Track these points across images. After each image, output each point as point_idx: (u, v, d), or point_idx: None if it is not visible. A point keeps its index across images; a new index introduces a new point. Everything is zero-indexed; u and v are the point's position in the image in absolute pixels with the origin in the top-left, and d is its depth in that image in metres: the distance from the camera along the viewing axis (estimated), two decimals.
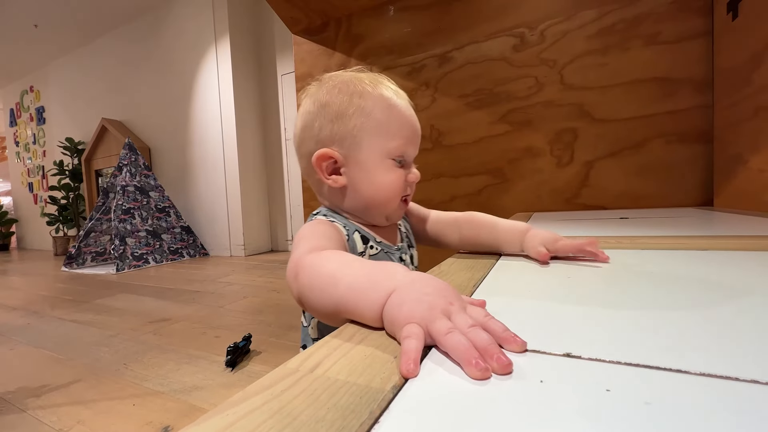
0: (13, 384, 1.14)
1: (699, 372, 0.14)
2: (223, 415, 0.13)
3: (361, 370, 0.16)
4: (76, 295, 2.33)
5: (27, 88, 5.72)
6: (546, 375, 0.15)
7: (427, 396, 0.14)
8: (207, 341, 1.43)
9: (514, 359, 0.17)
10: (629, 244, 0.49)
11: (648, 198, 1.17)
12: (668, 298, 0.25)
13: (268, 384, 0.16)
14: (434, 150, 1.48)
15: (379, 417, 0.13)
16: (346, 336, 0.21)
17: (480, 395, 0.14)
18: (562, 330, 0.20)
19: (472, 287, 0.30)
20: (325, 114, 0.44)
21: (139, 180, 3.48)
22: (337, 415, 0.13)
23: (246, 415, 0.13)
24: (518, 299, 0.27)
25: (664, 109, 1.13)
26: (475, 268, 0.38)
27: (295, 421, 0.13)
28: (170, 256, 3.51)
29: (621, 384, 0.14)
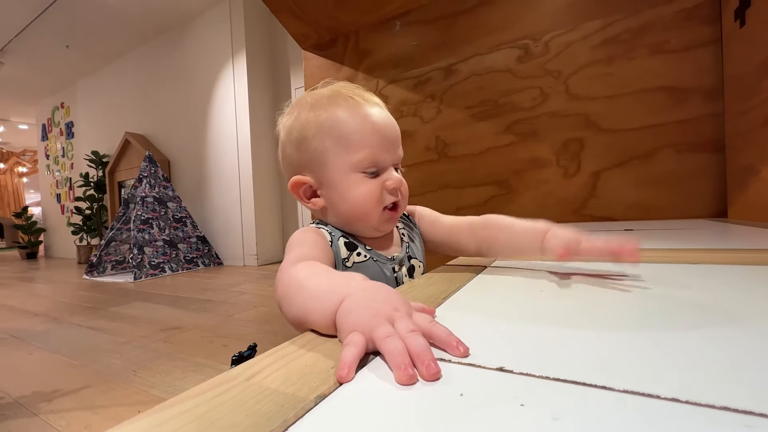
0: (28, 388, 1.19)
1: (622, 389, 0.14)
2: (149, 418, 0.14)
3: (295, 379, 0.17)
4: (94, 302, 2.41)
5: (58, 104, 6.04)
6: (469, 387, 0.15)
7: (346, 405, 0.15)
8: (214, 350, 1.45)
9: (449, 369, 0.17)
10: None
11: (658, 209, 1.14)
12: (639, 316, 0.24)
13: (205, 389, 0.16)
14: (440, 161, 1.49)
15: (291, 424, 0.13)
16: (300, 344, 0.21)
17: (395, 404, 0.14)
18: (507, 345, 0.20)
19: (441, 300, 0.30)
20: (291, 141, 0.45)
21: (158, 191, 3.60)
22: (252, 422, 0.14)
23: (169, 419, 0.14)
24: (476, 313, 0.27)
25: (674, 118, 1.11)
26: (452, 281, 0.38)
27: (212, 426, 0.13)
28: (186, 265, 3.59)
29: (539, 399, 0.14)
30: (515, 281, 0.37)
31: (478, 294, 0.32)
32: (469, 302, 0.29)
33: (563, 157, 1.26)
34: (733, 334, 0.19)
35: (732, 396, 0.13)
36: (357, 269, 0.44)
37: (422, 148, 1.52)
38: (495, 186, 1.38)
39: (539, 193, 1.31)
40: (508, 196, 1.36)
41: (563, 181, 1.27)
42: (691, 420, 0.12)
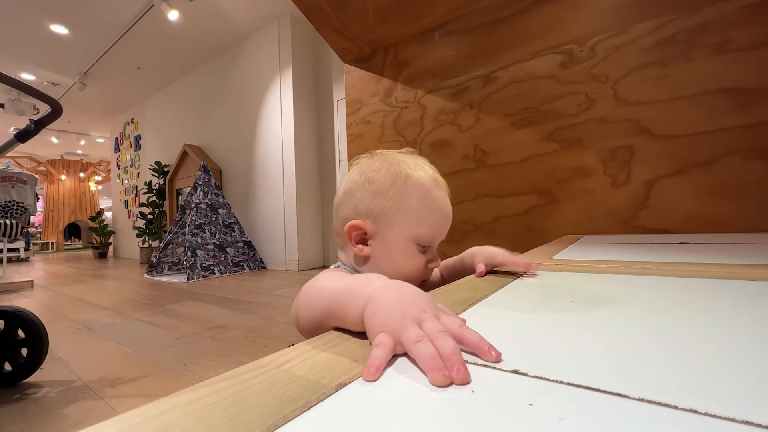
0: (96, 374, 1.32)
1: (637, 397, 0.14)
2: (191, 392, 0.16)
3: (320, 368, 0.18)
4: (152, 299, 2.63)
5: (129, 119, 6.73)
6: (480, 386, 0.16)
7: (362, 394, 0.16)
8: (256, 349, 1.52)
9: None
10: (671, 271, 0.45)
11: (722, 221, 1.04)
12: (669, 329, 0.23)
13: (239, 373, 0.18)
14: (478, 170, 1.47)
15: (312, 405, 0.15)
16: (325, 340, 0.23)
17: (408, 396, 0.15)
18: (525, 349, 0.20)
19: (467, 306, 0.30)
20: (368, 188, 0.48)
21: (211, 198, 3.86)
22: (277, 401, 0.15)
23: (205, 396, 0.16)
24: (499, 318, 0.27)
25: (740, 122, 1.01)
26: (480, 289, 0.38)
27: (243, 403, 0.15)
28: (233, 268, 3.81)
29: (548, 400, 0.14)
30: (547, 289, 0.36)
31: (504, 301, 0.32)
32: (495, 308, 0.29)
33: (611, 165, 1.20)
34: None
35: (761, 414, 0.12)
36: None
37: (460, 157, 1.51)
38: (536, 195, 1.34)
39: (585, 202, 1.24)
40: (551, 206, 1.31)
41: (611, 191, 1.20)
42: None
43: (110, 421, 0.14)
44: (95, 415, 1.02)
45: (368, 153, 0.55)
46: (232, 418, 0.14)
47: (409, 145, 1.66)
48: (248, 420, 0.14)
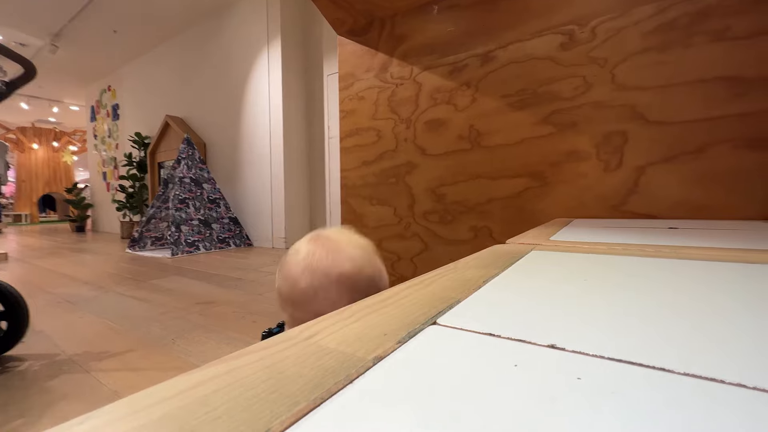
0: (80, 347, 1.30)
1: (683, 372, 0.14)
2: (224, 363, 0.15)
3: (351, 341, 0.18)
4: (136, 274, 2.57)
5: (105, 87, 6.38)
6: (520, 361, 0.16)
7: (402, 367, 0.15)
8: (245, 325, 1.52)
9: (501, 344, 0.17)
10: (670, 253, 0.46)
11: (708, 209, 1.07)
12: (682, 305, 0.24)
13: (268, 345, 0.18)
14: (472, 151, 1.46)
15: (355, 378, 0.14)
16: (349, 313, 0.22)
17: (450, 368, 0.15)
18: (553, 324, 0.20)
19: (481, 283, 0.30)
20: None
21: (195, 173, 3.75)
22: (317, 374, 0.14)
23: (242, 366, 0.15)
24: (522, 293, 0.27)
25: (733, 111, 1.03)
26: (492, 265, 0.38)
27: (280, 375, 0.14)
28: (218, 244, 3.75)
29: (594, 375, 0.14)
30: (555, 268, 0.37)
31: (517, 279, 0.32)
32: (510, 286, 0.29)
33: (604, 150, 1.21)
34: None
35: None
36: None
37: (455, 137, 1.50)
38: (529, 178, 1.35)
39: (576, 187, 1.26)
40: (543, 189, 1.32)
41: (603, 176, 1.21)
42: (749, 404, 0.12)
43: (151, 390, 0.13)
44: (82, 389, 1.01)
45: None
46: (274, 389, 0.13)
47: (403, 123, 1.63)
48: (291, 392, 0.13)
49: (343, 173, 1.85)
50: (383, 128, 1.70)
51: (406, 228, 1.65)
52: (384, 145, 1.70)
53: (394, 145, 1.66)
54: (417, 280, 0.31)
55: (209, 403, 0.12)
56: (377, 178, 1.72)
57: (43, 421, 0.87)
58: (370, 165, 1.74)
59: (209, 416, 0.12)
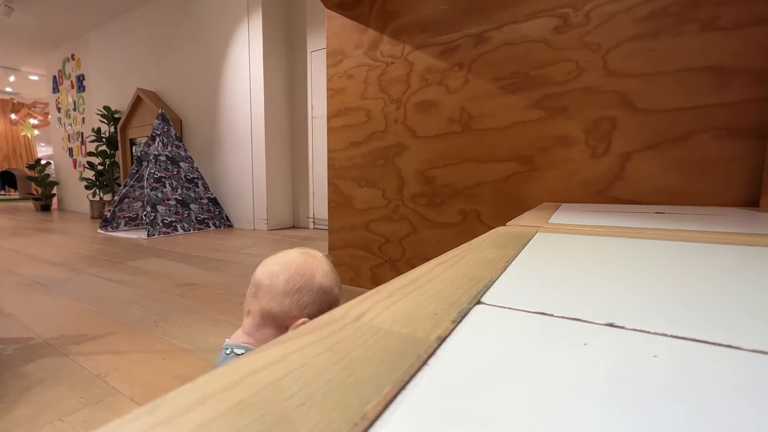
0: (56, 331, 1.24)
1: (750, 348, 0.14)
2: (279, 346, 0.14)
3: (404, 322, 0.17)
4: (111, 255, 2.47)
5: (69, 56, 5.94)
6: (587, 339, 0.15)
7: (470, 347, 0.15)
8: (231, 307, 1.49)
9: (555, 323, 0.17)
10: (673, 236, 0.48)
11: (686, 195, 1.12)
12: (712, 283, 0.24)
13: (316, 327, 0.17)
14: (463, 134, 1.46)
15: (428, 358, 0.14)
16: (388, 292, 0.22)
17: (516, 348, 0.14)
18: (597, 302, 0.20)
19: (505, 264, 0.30)
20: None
21: (171, 150, 3.59)
22: (386, 356, 0.14)
23: (301, 349, 0.14)
24: (551, 273, 0.26)
25: (716, 100, 1.06)
26: (507, 246, 0.38)
27: (347, 357, 0.14)
28: (197, 225, 3.64)
29: (666, 352, 0.14)
30: (568, 246, 0.37)
31: (539, 260, 0.32)
32: (537, 263, 0.29)
33: (593, 136, 1.23)
34: None
35: None
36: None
37: (446, 120, 1.49)
38: (518, 162, 1.36)
39: (564, 172, 1.28)
40: (532, 174, 1.34)
41: (590, 162, 1.24)
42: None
43: (210, 377, 0.12)
44: (61, 373, 0.97)
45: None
46: (348, 372, 0.12)
47: (393, 103, 1.60)
48: (368, 375, 0.12)
49: (330, 154, 1.81)
50: (373, 108, 1.66)
51: (394, 210, 1.64)
52: (373, 126, 1.66)
53: (384, 126, 1.63)
54: (439, 260, 0.31)
55: (285, 388, 0.11)
56: (366, 159, 1.70)
57: (20, 406, 0.83)
58: (359, 146, 1.71)
59: (292, 402, 0.11)
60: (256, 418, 0.10)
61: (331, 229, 1.86)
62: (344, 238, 1.81)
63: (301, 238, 3.28)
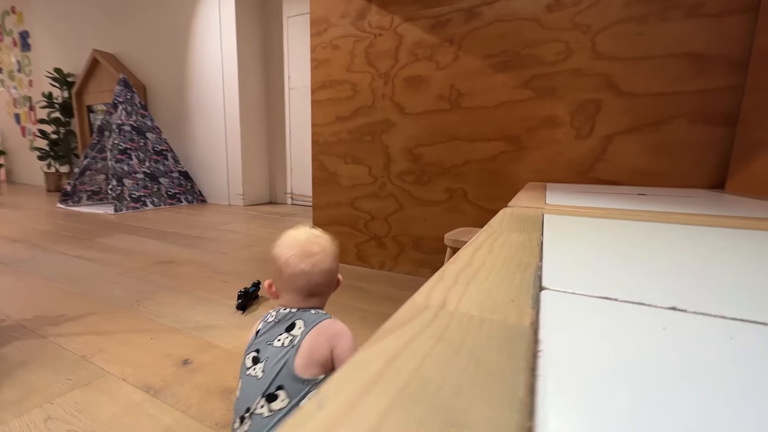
0: (28, 312, 1.18)
1: None
2: (393, 337, 0.15)
3: (488, 308, 0.18)
4: (76, 232, 2.33)
5: (8, 8, 5.29)
6: (663, 324, 0.17)
7: (568, 334, 0.16)
8: (215, 285, 1.47)
9: (627, 309, 0.18)
10: (669, 218, 0.51)
11: (661, 177, 1.19)
12: (741, 264, 0.27)
13: (409, 317, 0.17)
14: (452, 111, 1.45)
15: (537, 348, 0.15)
16: (450, 281, 0.22)
17: (607, 332, 0.16)
18: (646, 286, 0.22)
19: (537, 247, 0.31)
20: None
21: (136, 120, 3.36)
22: (497, 343, 0.15)
23: (414, 338, 0.15)
24: (587, 256, 0.28)
25: (694, 87, 1.11)
26: (526, 229, 0.39)
27: (463, 346, 0.14)
28: (168, 200, 3.48)
29: (738, 334, 0.16)
30: (585, 226, 0.39)
31: (565, 239, 0.33)
32: (568, 247, 0.31)
33: (578, 118, 1.26)
34: None
35: None
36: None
37: (435, 96, 1.48)
38: (505, 142, 1.38)
39: (549, 152, 1.32)
40: (518, 154, 1.37)
41: (574, 143, 1.28)
42: None
43: (357, 361, 0.13)
44: (42, 355, 0.93)
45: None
46: (476, 361, 0.13)
47: (381, 78, 1.57)
48: (496, 363, 0.13)
49: (314, 129, 1.76)
50: (359, 82, 1.62)
51: (381, 188, 1.64)
52: (360, 101, 1.63)
53: (371, 101, 1.60)
54: (473, 245, 0.32)
55: (429, 379, 0.12)
56: (352, 135, 1.67)
57: (3, 390, 0.80)
58: (345, 121, 1.67)
59: (446, 393, 0.11)
60: (427, 411, 0.10)
61: (315, 206, 1.84)
62: (329, 215, 1.80)
63: (280, 214, 3.22)
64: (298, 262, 0.65)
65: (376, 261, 1.70)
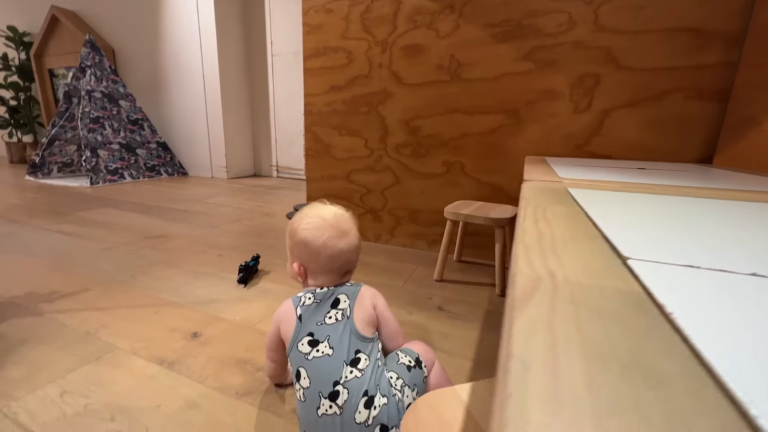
0: (18, 289, 1.14)
1: None
2: (532, 306, 0.16)
3: (593, 277, 0.19)
4: (53, 206, 2.22)
5: None
6: (753, 290, 0.18)
7: (681, 299, 0.17)
8: (210, 259, 1.45)
9: (713, 276, 0.20)
10: (685, 192, 0.54)
11: (652, 151, 1.23)
12: None
13: (532, 287, 0.18)
14: (452, 83, 1.43)
15: (666, 313, 0.16)
16: (537, 252, 0.23)
17: (725, 299, 0.17)
18: (716, 254, 0.23)
19: (588, 219, 0.33)
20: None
21: (107, 86, 3.13)
22: (629, 308, 0.16)
23: (552, 306, 0.16)
24: (650, 227, 0.30)
25: (692, 62, 1.13)
26: (563, 203, 0.40)
27: (601, 310, 0.15)
28: (147, 173, 3.34)
29: None
30: (614, 199, 0.40)
31: (607, 211, 0.35)
32: (620, 218, 0.32)
33: (577, 91, 1.27)
34: None
35: None
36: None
37: (434, 67, 1.44)
38: (504, 115, 1.38)
39: (547, 126, 1.33)
40: (516, 127, 1.37)
41: (572, 117, 1.29)
42: None
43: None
44: (43, 332, 0.91)
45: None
46: (626, 326, 0.14)
47: (378, 46, 1.51)
48: (649, 326, 0.14)
49: (307, 98, 1.71)
50: (355, 50, 1.56)
51: (377, 161, 1.63)
52: (355, 69, 1.57)
53: (367, 70, 1.55)
54: (529, 217, 0.33)
55: (599, 341, 0.13)
56: (347, 106, 1.63)
57: (8, 367, 0.78)
58: (340, 91, 1.62)
59: (624, 351, 0.12)
60: (622, 368, 0.11)
61: (309, 179, 1.81)
62: (323, 188, 1.78)
63: (267, 187, 3.16)
64: (336, 243, 0.65)
65: (371, 234, 1.72)
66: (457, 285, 1.28)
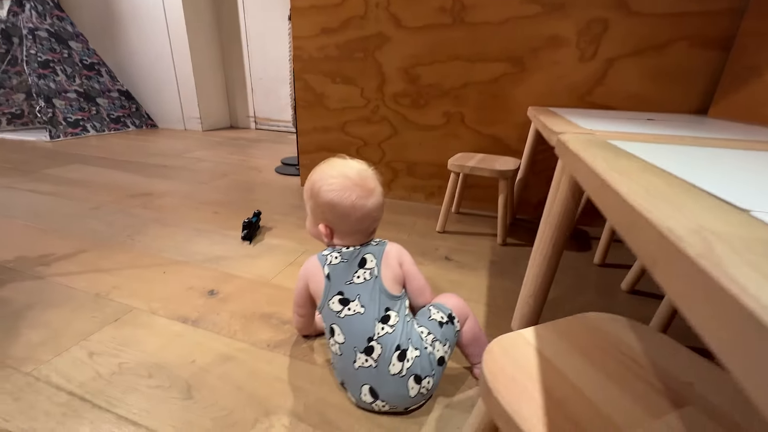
0: (7, 253, 1.07)
1: None
2: (702, 258, 0.17)
3: (728, 226, 0.20)
4: (15, 163, 2.03)
5: None
6: None
7: None
8: (207, 216, 1.40)
9: None
10: (707, 142, 0.56)
11: (650, 102, 1.25)
12: None
13: (689, 238, 0.19)
14: (454, 26, 1.35)
15: None
16: (646, 206, 0.24)
17: None
18: None
19: (664, 172, 0.34)
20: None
21: (52, 23, 2.75)
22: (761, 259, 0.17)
23: (720, 261, 0.17)
24: (734, 181, 0.31)
25: (699, 8, 1.12)
26: (621, 156, 0.41)
27: (720, 283, 0.16)
28: (112, 124, 3.07)
29: None
30: (654, 151, 0.42)
31: (679, 166, 0.36)
32: (699, 173, 0.33)
33: (584, 38, 1.24)
34: None
35: None
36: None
37: (436, 8, 1.35)
38: (508, 63, 1.34)
39: (551, 75, 1.31)
40: (520, 76, 1.34)
41: (577, 65, 1.28)
42: None
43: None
44: (51, 296, 0.88)
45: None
46: None
47: None
48: None
49: (296, 42, 1.58)
50: None
51: (374, 111, 1.57)
52: (350, 10, 1.45)
53: (363, 11, 1.44)
54: (610, 171, 0.33)
55: None
56: (341, 51, 1.52)
57: (24, 332, 0.76)
58: (332, 34, 1.51)
59: None
60: None
61: (301, 131, 1.73)
62: (317, 141, 1.72)
63: (247, 140, 3.00)
64: (365, 203, 0.64)
65: None
66: (459, 236, 1.32)
